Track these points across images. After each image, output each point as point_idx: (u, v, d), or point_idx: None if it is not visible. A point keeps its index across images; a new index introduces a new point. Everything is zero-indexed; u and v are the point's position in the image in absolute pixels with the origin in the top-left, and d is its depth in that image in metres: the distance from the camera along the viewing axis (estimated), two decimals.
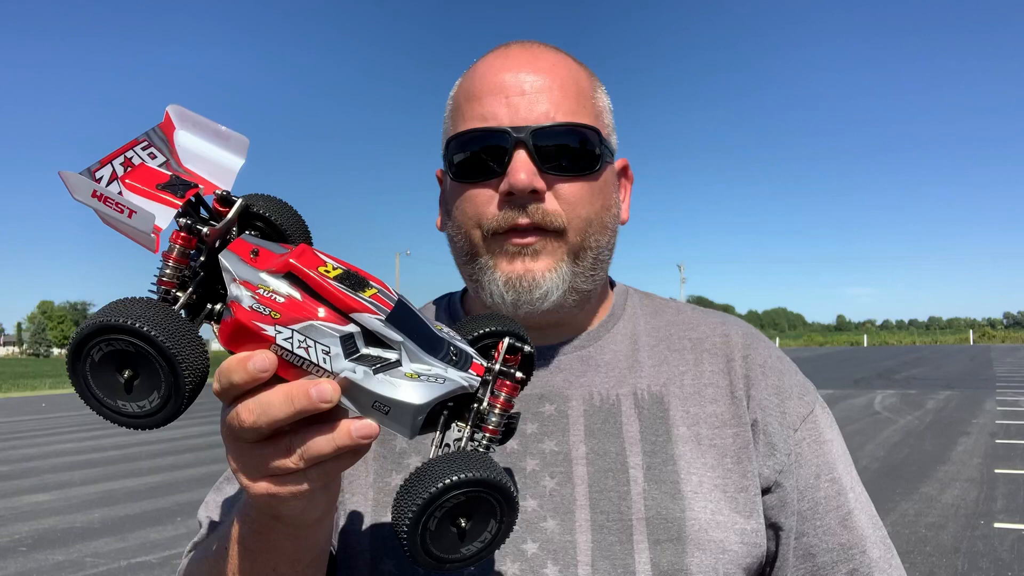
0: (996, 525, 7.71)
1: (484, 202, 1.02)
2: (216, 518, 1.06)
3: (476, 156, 1.02)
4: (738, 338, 1.12)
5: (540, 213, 0.99)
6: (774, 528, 1.04)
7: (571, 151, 1.01)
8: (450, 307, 1.20)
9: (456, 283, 1.18)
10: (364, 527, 1.02)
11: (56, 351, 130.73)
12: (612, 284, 1.20)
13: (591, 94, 1.06)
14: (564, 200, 1.01)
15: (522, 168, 0.98)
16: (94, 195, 0.67)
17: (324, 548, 0.88)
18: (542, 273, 1.00)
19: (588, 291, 1.06)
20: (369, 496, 1.03)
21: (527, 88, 1.01)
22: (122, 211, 0.67)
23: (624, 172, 1.15)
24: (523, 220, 0.99)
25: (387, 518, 1.03)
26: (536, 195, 0.99)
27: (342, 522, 1.03)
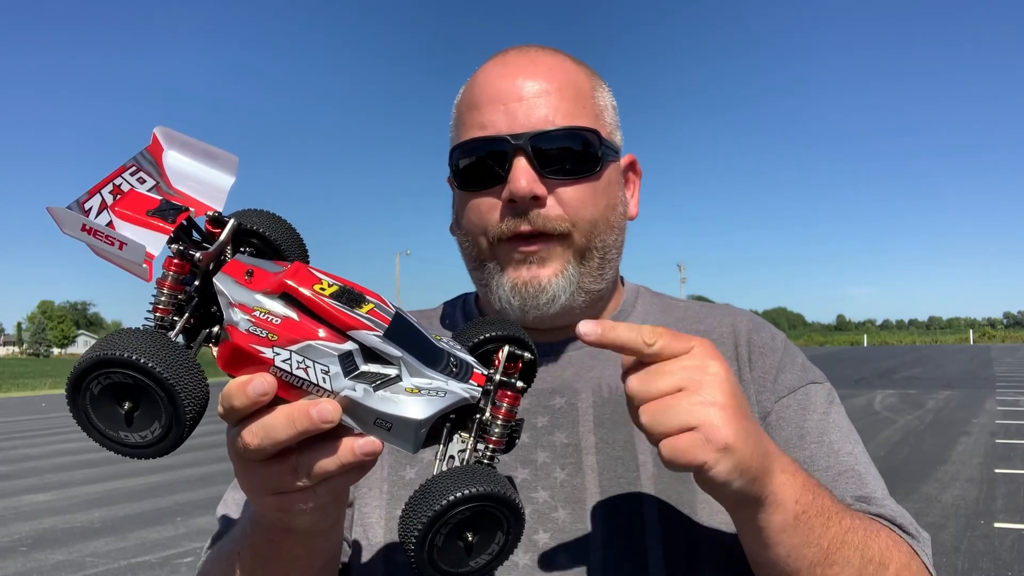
0: (996, 525, 7.72)
1: (488, 210, 1.02)
2: (234, 516, 1.06)
3: (478, 165, 1.03)
4: (743, 326, 1.13)
5: (542, 220, 1.00)
6: None
7: (571, 154, 1.01)
8: (465, 307, 1.21)
9: (460, 283, 1.18)
10: (378, 520, 1.02)
11: (56, 351, 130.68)
12: (622, 281, 1.20)
13: (590, 94, 1.07)
14: (567, 203, 1.01)
15: (522, 175, 0.98)
16: (83, 229, 0.66)
17: (337, 551, 0.89)
18: (548, 279, 1.01)
19: (597, 290, 1.07)
20: (384, 490, 1.04)
21: (525, 94, 1.02)
22: (112, 243, 0.66)
23: (631, 167, 1.15)
24: (526, 228, 1.00)
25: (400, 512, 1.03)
26: (538, 201, 1.00)
27: (356, 515, 1.04)
